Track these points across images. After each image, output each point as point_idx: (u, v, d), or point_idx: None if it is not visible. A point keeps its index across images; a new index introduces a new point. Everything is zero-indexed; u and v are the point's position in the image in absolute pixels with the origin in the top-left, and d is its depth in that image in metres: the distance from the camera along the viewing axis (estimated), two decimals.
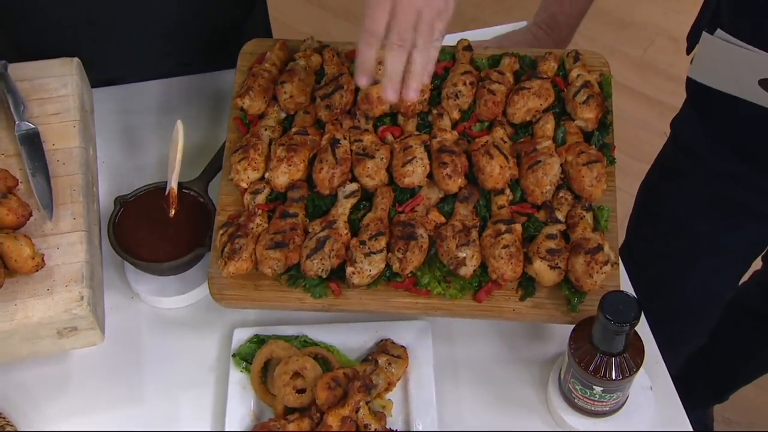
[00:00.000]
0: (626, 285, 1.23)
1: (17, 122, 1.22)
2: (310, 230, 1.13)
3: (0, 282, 1.07)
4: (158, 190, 1.25)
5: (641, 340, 1.05)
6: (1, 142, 1.23)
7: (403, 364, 1.15)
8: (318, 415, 1.06)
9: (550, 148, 1.17)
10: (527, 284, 1.12)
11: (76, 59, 1.32)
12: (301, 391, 1.10)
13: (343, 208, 1.14)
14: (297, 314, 1.19)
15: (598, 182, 1.15)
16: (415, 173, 1.15)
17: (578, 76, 1.23)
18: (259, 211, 1.14)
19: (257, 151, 1.17)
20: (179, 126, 1.25)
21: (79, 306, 1.08)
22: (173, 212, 1.23)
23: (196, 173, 1.27)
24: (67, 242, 1.13)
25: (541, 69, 1.25)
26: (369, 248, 1.10)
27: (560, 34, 1.46)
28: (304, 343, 1.16)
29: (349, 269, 1.09)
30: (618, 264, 1.12)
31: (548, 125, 1.20)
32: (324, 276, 1.10)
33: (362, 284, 1.10)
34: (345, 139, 1.19)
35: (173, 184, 1.23)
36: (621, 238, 1.55)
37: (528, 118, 1.21)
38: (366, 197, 1.17)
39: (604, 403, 1.07)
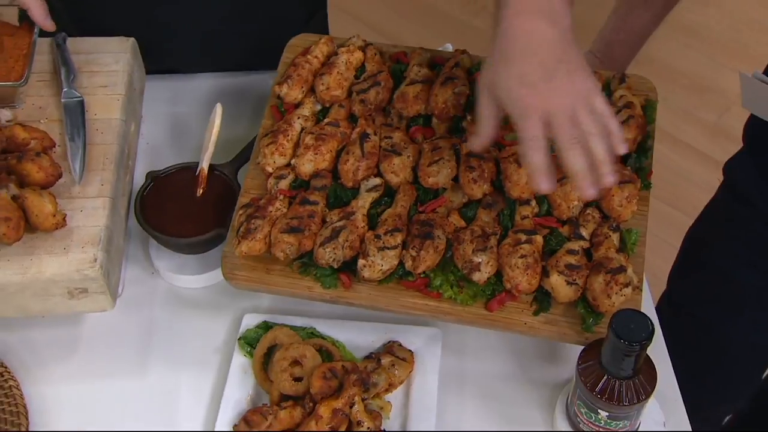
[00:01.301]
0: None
1: (65, 89, 1.23)
2: (327, 219, 1.10)
3: (19, 235, 1.06)
4: (190, 169, 1.24)
5: (654, 368, 0.97)
6: (48, 107, 1.24)
7: (407, 368, 1.10)
8: (311, 404, 1.02)
9: None
10: (542, 299, 1.06)
11: (132, 39, 1.33)
12: (298, 380, 1.06)
13: (363, 201, 1.11)
14: (309, 307, 1.16)
15: (629, 203, 1.09)
16: (440, 174, 1.11)
17: (621, 96, 1.18)
18: (281, 196, 1.12)
19: (287, 137, 1.15)
20: (218, 109, 1.25)
21: (92, 268, 1.06)
22: (201, 192, 1.21)
23: None
24: (91, 206, 1.13)
25: None
26: (384, 243, 1.06)
27: (615, 63, 1.42)
28: (311, 335, 1.12)
29: (361, 261, 1.05)
30: (641, 291, 1.06)
31: None
32: (336, 266, 1.07)
33: (373, 278, 1.06)
34: (375, 134, 1.16)
35: (204, 165, 1.23)
36: (663, 282, 1.47)
37: None
38: (389, 194, 1.13)
39: (610, 431, 0.99)
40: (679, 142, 2.76)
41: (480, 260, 1.04)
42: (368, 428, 1.01)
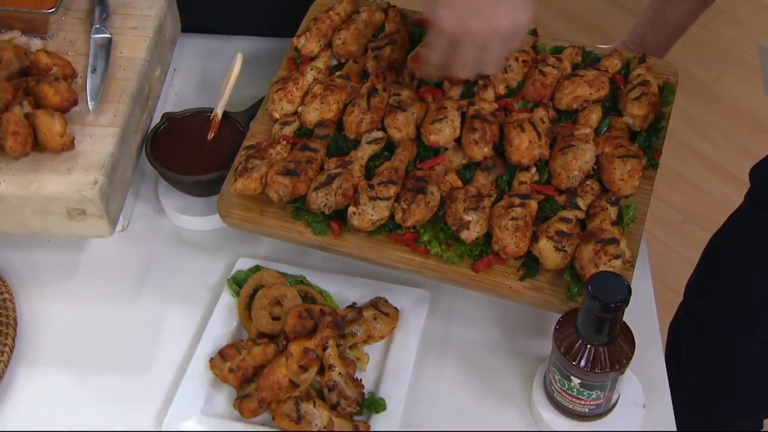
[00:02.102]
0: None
1: (95, 26, 1.26)
2: (325, 167, 1.09)
3: (25, 150, 1.09)
4: (205, 114, 1.25)
5: (633, 340, 0.93)
6: (77, 42, 1.27)
7: (390, 324, 1.07)
8: (284, 342, 1.01)
9: (588, 135, 1.08)
10: (530, 265, 1.03)
11: None
12: (277, 319, 1.04)
13: (363, 153, 1.10)
14: (303, 258, 1.15)
15: (630, 177, 1.05)
16: (442, 132, 1.09)
17: (639, 75, 1.14)
18: (283, 142, 1.12)
19: (297, 86, 1.15)
20: (238, 58, 1.26)
21: (91, 189, 1.08)
22: (212, 135, 1.22)
23: None
24: (101, 134, 1.14)
25: (603, 63, 1.17)
26: (376, 193, 1.04)
27: (665, 32, 1.37)
28: (300, 282, 1.11)
29: (351, 209, 1.04)
30: (633, 267, 1.01)
31: (593, 115, 1.12)
32: (327, 212, 1.06)
33: (362, 227, 1.04)
34: (384, 91, 1.14)
35: (218, 110, 1.23)
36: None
37: (575, 106, 1.13)
38: (390, 150, 1.12)
39: (582, 402, 0.95)
40: (735, 179, 2.67)
41: (470, 219, 1.02)
42: (339, 373, 0.99)
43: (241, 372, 1.01)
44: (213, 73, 1.46)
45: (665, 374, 1.07)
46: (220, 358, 1.03)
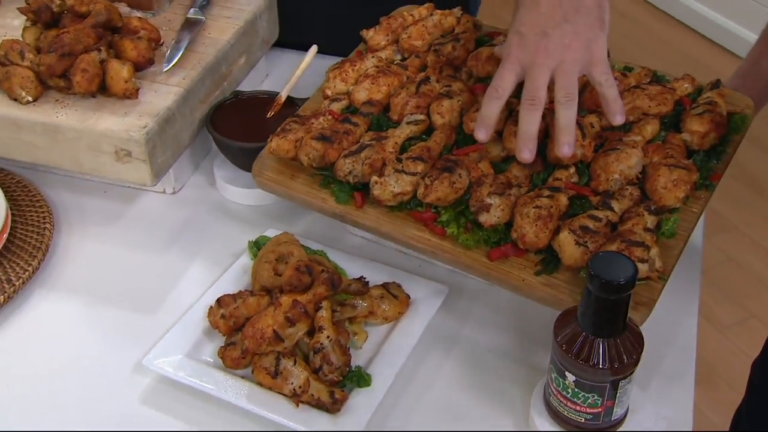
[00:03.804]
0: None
1: (192, 8, 1.31)
2: (361, 141, 1.05)
3: (91, 88, 1.12)
4: (271, 97, 1.25)
5: (642, 342, 0.80)
6: (174, 21, 1.32)
7: (397, 308, 0.99)
8: (279, 294, 0.94)
9: (637, 142, 0.98)
10: (549, 261, 0.92)
11: None
12: (280, 276, 0.98)
13: (401, 131, 1.05)
14: (329, 236, 1.10)
15: (675, 187, 0.93)
16: None
17: (707, 97, 1.04)
18: (327, 115, 1.09)
19: (353, 67, 1.14)
20: (313, 49, 1.26)
21: (139, 131, 1.09)
22: (272, 114, 1.22)
23: None
24: (165, 91, 1.17)
25: (672, 84, 1.07)
26: (403, 166, 0.99)
27: (759, 86, 1.25)
28: (319, 255, 1.05)
29: (374, 178, 0.99)
30: (663, 280, 0.89)
31: (649, 127, 1.02)
32: (352, 181, 1.01)
33: (382, 199, 0.98)
34: (438, 82, 1.10)
35: (283, 93, 1.23)
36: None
37: (631, 118, 1.04)
38: (429, 135, 1.06)
39: (578, 407, 0.82)
40: None
41: (492, 202, 0.94)
42: (328, 337, 0.92)
43: (232, 320, 0.96)
44: (303, 87, 1.47)
45: (691, 416, 0.91)
46: (216, 305, 0.98)
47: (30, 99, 1.13)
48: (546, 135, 1.02)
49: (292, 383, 0.90)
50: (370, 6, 1.33)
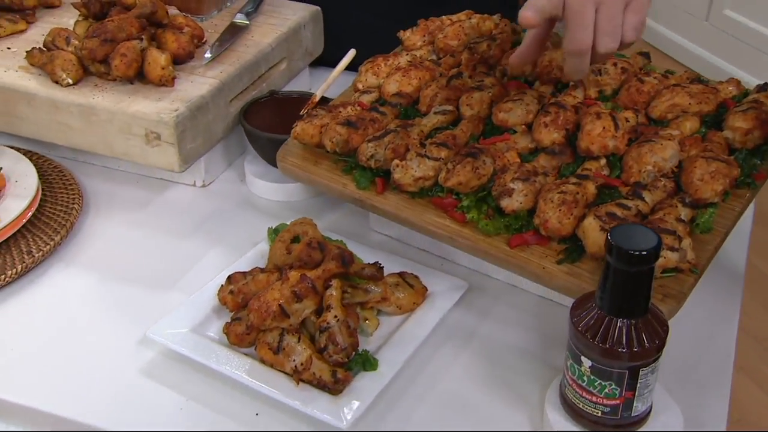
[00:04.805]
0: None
1: (239, 14, 1.31)
2: (386, 128, 1.01)
3: (128, 73, 1.12)
4: (306, 98, 1.22)
5: (666, 323, 0.72)
6: (220, 27, 1.32)
7: (412, 297, 0.93)
8: (288, 270, 0.89)
9: (674, 136, 0.91)
10: (573, 250, 0.85)
11: (317, 8, 1.39)
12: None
13: (428, 120, 1.01)
14: (352, 233, 1.05)
15: (712, 179, 0.86)
16: (512, 111, 0.98)
17: (754, 98, 0.97)
18: (356, 106, 1.05)
19: (386, 62, 1.11)
20: (350, 52, 1.24)
21: (169, 114, 1.08)
22: (305, 113, 1.18)
23: None
24: (202, 82, 1.15)
25: (716, 86, 1.00)
26: (426, 151, 0.94)
27: None
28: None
29: (395, 161, 0.94)
30: (696, 274, 0.81)
31: (687, 123, 0.95)
32: (373, 165, 0.96)
33: (403, 183, 0.94)
34: (470, 78, 1.06)
35: (318, 93, 1.21)
36: None
37: (669, 116, 0.97)
38: (457, 126, 1.01)
39: (594, 398, 0.74)
40: None
41: (515, 187, 0.88)
42: (335, 317, 0.86)
43: (240, 296, 0.91)
44: (338, 91, 1.45)
45: (725, 423, 0.81)
46: (227, 282, 0.93)
47: (70, 81, 1.13)
48: (576, 128, 0.96)
49: (294, 360, 0.84)
50: (414, 20, 1.32)
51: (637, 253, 0.67)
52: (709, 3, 3.52)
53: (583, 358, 0.73)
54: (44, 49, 1.18)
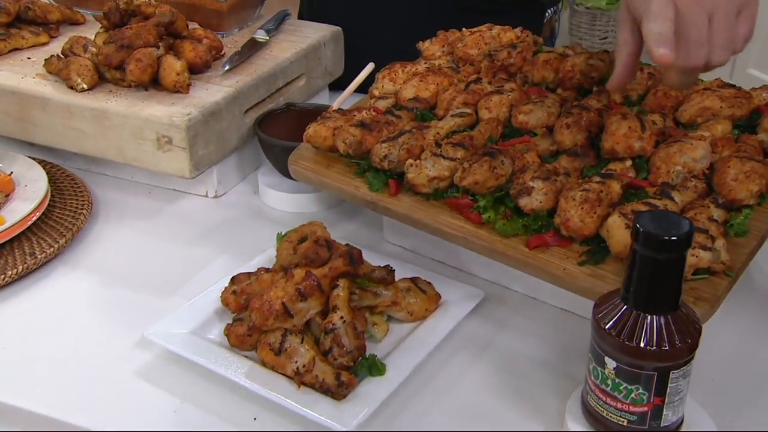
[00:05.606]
0: None
1: (259, 30, 1.28)
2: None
3: (142, 78, 1.09)
4: (322, 110, 1.18)
5: (699, 323, 0.64)
6: (240, 42, 1.29)
7: (424, 303, 0.87)
8: (293, 268, 0.83)
9: (705, 137, 0.85)
10: (596, 251, 0.78)
11: (338, 28, 1.36)
12: None
13: (444, 123, 0.96)
14: (366, 244, 0.99)
15: (747, 179, 0.79)
16: (532, 113, 0.92)
17: None
18: (371, 111, 1.01)
19: (404, 69, 1.06)
20: (369, 66, 1.20)
21: (181, 118, 1.04)
22: None
23: None
24: (216, 89, 1.12)
25: (752, 92, 0.94)
26: (441, 151, 0.88)
27: None
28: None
29: (410, 161, 0.89)
30: (732, 278, 0.73)
31: (719, 126, 0.89)
32: (387, 166, 0.91)
33: (417, 183, 0.88)
34: (489, 84, 1.01)
35: (335, 105, 1.16)
36: None
37: (699, 120, 0.91)
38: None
39: (619, 404, 0.66)
40: None
41: (534, 185, 0.82)
42: (342, 318, 0.79)
43: (243, 297, 0.85)
44: None
45: None
46: (230, 282, 0.88)
47: (85, 86, 1.10)
48: (599, 130, 0.90)
49: (296, 362, 0.77)
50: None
51: (667, 238, 0.60)
52: (732, 61, 3.47)
53: (607, 359, 0.66)
54: (62, 56, 1.16)
